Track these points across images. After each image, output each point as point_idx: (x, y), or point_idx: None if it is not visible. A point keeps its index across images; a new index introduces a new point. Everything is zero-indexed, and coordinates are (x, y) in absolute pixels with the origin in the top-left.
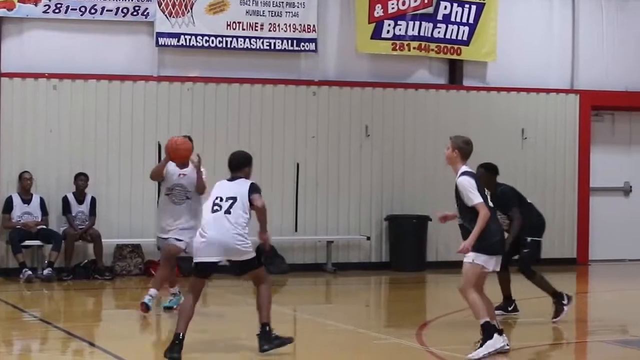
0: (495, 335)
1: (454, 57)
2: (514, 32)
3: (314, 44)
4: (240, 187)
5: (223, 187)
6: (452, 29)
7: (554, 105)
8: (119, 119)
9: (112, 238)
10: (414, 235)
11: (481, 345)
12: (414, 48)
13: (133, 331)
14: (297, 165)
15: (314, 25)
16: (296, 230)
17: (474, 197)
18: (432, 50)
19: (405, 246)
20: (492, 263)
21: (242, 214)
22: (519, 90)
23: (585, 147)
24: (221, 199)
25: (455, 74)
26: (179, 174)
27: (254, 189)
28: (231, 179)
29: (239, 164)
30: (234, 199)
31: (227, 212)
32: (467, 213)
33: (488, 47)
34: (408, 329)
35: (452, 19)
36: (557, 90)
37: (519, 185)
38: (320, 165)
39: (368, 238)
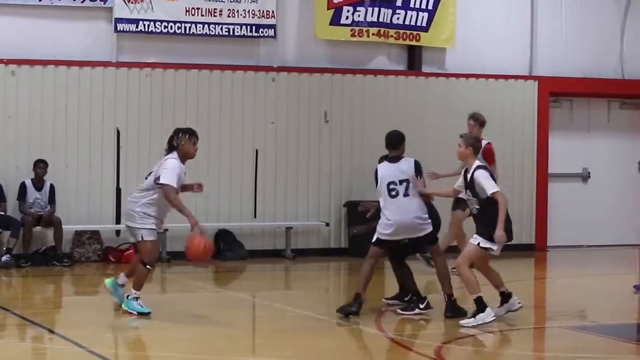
0: (487, 309)
1: (413, 43)
2: (472, 19)
3: (273, 30)
4: (407, 167)
5: (391, 169)
6: (411, 15)
7: (513, 92)
8: (77, 105)
9: (71, 224)
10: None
11: (473, 317)
12: (372, 34)
13: (92, 318)
14: (256, 151)
15: (273, 12)
16: (255, 217)
17: (491, 187)
18: (391, 36)
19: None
20: (498, 248)
21: (417, 194)
22: (477, 76)
23: (543, 133)
24: (395, 183)
25: (414, 60)
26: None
27: (418, 169)
28: (393, 159)
29: (399, 142)
30: (407, 180)
31: (406, 194)
32: (483, 204)
33: (447, 34)
34: (367, 315)
35: (411, 5)
36: (516, 77)
37: None
38: (279, 152)
39: (327, 224)
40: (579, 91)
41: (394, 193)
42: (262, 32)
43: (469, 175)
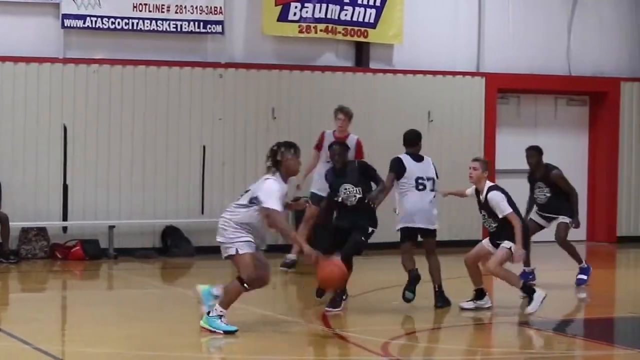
0: (537, 290)
1: (361, 39)
2: (420, 15)
3: (220, 26)
4: (432, 168)
5: (418, 166)
6: (359, 12)
7: (460, 88)
8: (24, 102)
9: (18, 221)
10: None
11: (530, 301)
12: (320, 30)
13: (38, 314)
14: (204, 147)
15: (220, 7)
16: (203, 213)
17: (506, 209)
18: (339, 32)
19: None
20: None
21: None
22: (425, 73)
23: (491, 129)
24: (423, 179)
25: (361, 56)
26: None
27: (435, 169)
28: (415, 157)
29: (416, 139)
30: (433, 179)
31: (432, 190)
32: (500, 222)
33: (394, 30)
34: (315, 311)
35: (359, 1)
36: (463, 73)
37: None
38: (226, 148)
39: None
40: (526, 87)
41: (421, 187)
42: (209, 28)
43: (482, 197)
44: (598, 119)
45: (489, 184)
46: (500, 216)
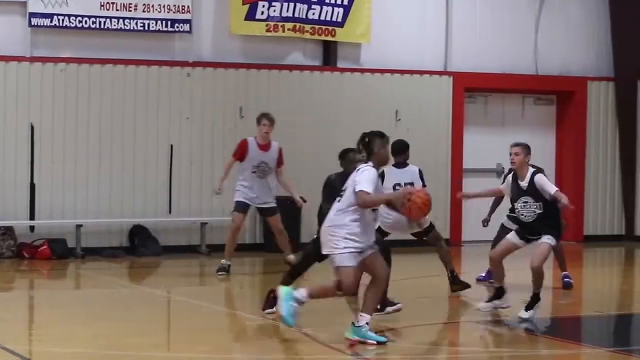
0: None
1: (328, 38)
2: (388, 14)
3: (188, 25)
4: (413, 173)
5: (398, 173)
6: (327, 11)
7: (428, 87)
8: None
9: None
10: (288, 217)
11: (530, 308)
12: (288, 29)
13: (5, 314)
14: (171, 146)
15: (188, 6)
16: (170, 212)
17: (553, 188)
18: (307, 31)
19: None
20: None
21: None
22: (392, 72)
23: (458, 128)
24: (400, 185)
25: (329, 55)
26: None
27: (422, 176)
28: (399, 165)
29: (402, 149)
30: (411, 184)
31: None
32: (546, 207)
33: (362, 29)
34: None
35: (327, 0)
36: (431, 72)
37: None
38: (194, 147)
39: None
40: (493, 87)
41: None
42: (177, 27)
43: (524, 183)
44: (565, 118)
45: (531, 168)
46: (549, 196)
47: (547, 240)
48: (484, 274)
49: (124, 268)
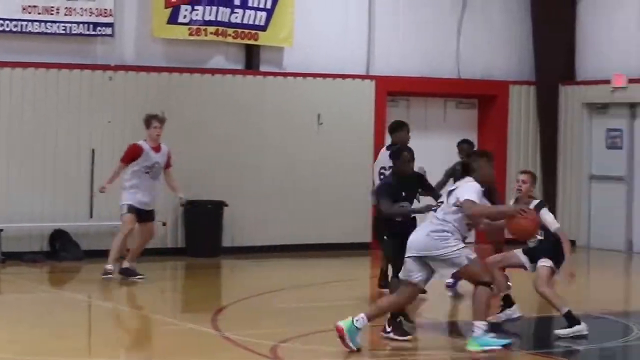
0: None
1: (251, 42)
2: (311, 18)
3: (110, 28)
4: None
5: (384, 156)
6: (250, 14)
7: (350, 91)
8: None
9: None
10: (210, 221)
11: (569, 327)
12: (210, 33)
13: None
14: (93, 150)
15: (110, 10)
16: (91, 217)
17: (555, 223)
18: (229, 35)
19: (201, 232)
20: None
21: None
22: (315, 75)
23: (380, 132)
24: (385, 169)
25: (252, 59)
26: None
27: (392, 155)
28: (388, 147)
29: (391, 129)
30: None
31: None
32: (545, 236)
33: (285, 33)
34: (204, 314)
35: (250, 4)
36: (353, 76)
37: (315, 170)
38: (116, 151)
39: (164, 224)
40: (415, 91)
41: (381, 177)
42: (99, 30)
43: None
44: (487, 122)
45: (535, 200)
46: (551, 230)
47: (545, 263)
48: (452, 280)
49: (45, 273)
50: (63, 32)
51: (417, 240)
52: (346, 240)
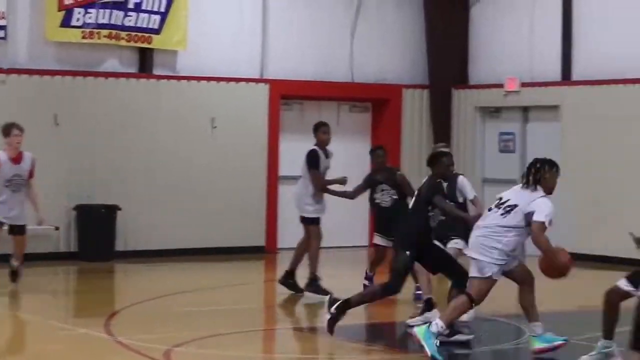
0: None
1: (145, 45)
2: (205, 21)
3: (3, 31)
4: None
5: None
6: (143, 18)
7: (244, 95)
8: None
9: None
10: (103, 225)
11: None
12: (104, 36)
13: None
14: None
15: (3, 12)
16: None
17: (473, 192)
18: (123, 38)
19: (93, 236)
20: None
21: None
22: (209, 79)
23: (274, 135)
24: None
25: (145, 62)
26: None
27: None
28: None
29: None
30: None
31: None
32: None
33: (179, 36)
34: (97, 318)
35: (144, 7)
36: (247, 80)
37: (210, 174)
38: None
39: (57, 228)
40: (309, 94)
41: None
42: None
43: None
44: (380, 126)
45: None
46: (468, 198)
47: (455, 245)
48: (419, 291)
49: None
50: None
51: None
52: (241, 244)
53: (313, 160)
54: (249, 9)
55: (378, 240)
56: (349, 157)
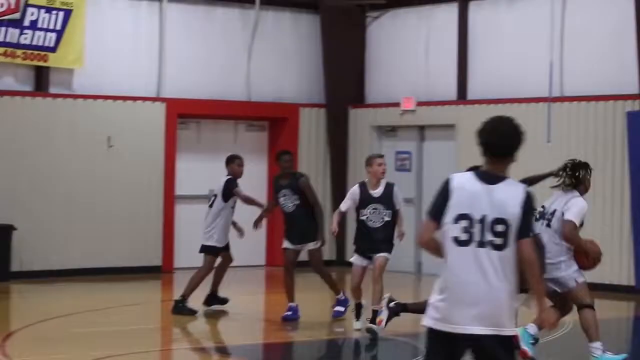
0: None
1: (41, 63)
2: (101, 40)
3: None
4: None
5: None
6: (39, 36)
7: (141, 113)
8: None
9: None
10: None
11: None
12: None
13: None
14: None
15: None
16: None
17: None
18: (18, 56)
19: None
20: None
21: None
22: (105, 98)
23: (171, 154)
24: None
25: (41, 80)
26: None
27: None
28: None
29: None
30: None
31: None
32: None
33: (75, 54)
34: None
35: (39, 25)
36: (144, 98)
37: (106, 193)
38: None
39: None
40: (206, 113)
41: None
42: None
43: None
44: (278, 144)
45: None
46: (396, 207)
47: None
48: (289, 312)
49: None
50: None
51: None
52: (138, 264)
53: (233, 184)
54: (146, 28)
55: (286, 244)
56: (247, 176)
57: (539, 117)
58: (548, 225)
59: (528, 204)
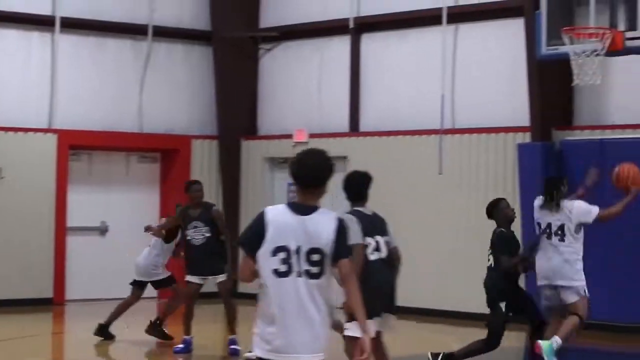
0: None
1: None
2: None
3: None
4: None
5: None
6: None
7: (32, 145)
8: None
9: None
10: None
11: None
12: None
13: None
14: None
15: None
16: None
17: None
18: None
19: None
20: None
21: None
22: None
23: (62, 186)
24: None
25: None
26: None
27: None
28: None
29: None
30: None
31: None
32: None
33: None
34: None
35: None
36: (35, 130)
37: None
38: None
39: None
40: (98, 144)
41: None
42: None
43: None
44: (170, 176)
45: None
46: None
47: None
48: (181, 345)
49: None
50: None
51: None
52: (28, 296)
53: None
54: (37, 58)
55: (190, 278)
56: (138, 207)
57: (431, 149)
58: (562, 239)
59: (340, 230)
